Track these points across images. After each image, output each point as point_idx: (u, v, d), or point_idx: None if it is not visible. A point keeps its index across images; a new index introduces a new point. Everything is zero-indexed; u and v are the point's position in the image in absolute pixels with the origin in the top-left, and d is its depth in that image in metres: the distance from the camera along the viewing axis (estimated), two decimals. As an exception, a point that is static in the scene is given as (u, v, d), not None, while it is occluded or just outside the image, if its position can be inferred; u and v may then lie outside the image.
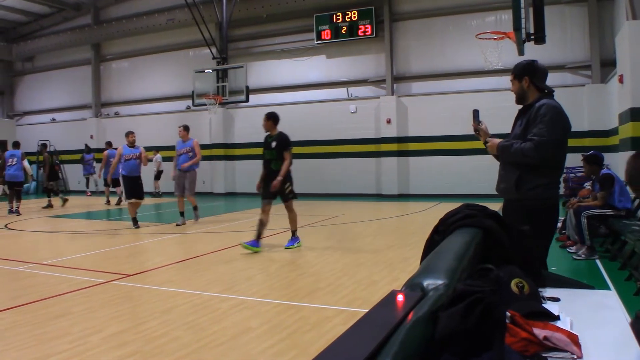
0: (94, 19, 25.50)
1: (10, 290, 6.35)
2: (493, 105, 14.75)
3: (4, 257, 8.42)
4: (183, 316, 4.96)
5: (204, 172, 21.65)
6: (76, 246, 9.90)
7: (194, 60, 22.64)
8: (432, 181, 18.42)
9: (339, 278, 6.44)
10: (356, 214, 13.81)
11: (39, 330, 4.65)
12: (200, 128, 22.55)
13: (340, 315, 4.87)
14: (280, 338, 4.25)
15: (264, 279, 6.54)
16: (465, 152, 17.48)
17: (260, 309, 5.15)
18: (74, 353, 4.02)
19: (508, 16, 12.05)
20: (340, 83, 20.26)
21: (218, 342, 4.22)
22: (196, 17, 19.69)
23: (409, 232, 10.72)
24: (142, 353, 4.00)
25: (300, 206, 16.36)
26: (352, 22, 19.45)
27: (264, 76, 21.54)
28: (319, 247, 8.83)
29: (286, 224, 9.16)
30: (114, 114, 25.62)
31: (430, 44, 18.77)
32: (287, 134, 8.95)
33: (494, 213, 2.65)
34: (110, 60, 26.01)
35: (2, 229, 12.25)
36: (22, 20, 27.37)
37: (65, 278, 6.75)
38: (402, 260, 7.40)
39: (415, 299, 1.42)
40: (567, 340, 1.78)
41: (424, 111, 18.69)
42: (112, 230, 11.80)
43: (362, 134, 19.57)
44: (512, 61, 4.97)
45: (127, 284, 6.35)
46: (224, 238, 10.15)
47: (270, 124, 8.96)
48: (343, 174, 19.84)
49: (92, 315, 5.08)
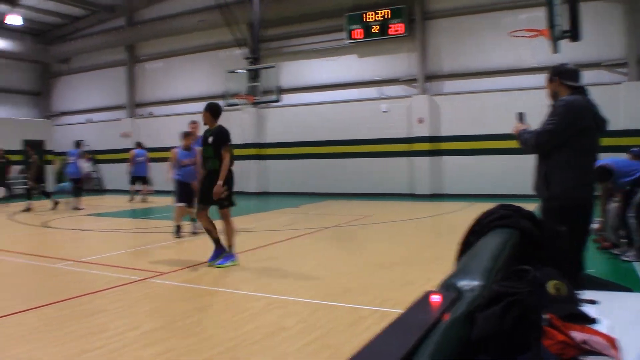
0: (127, 21, 25.88)
1: (49, 286, 6.50)
2: (527, 104, 14.48)
3: (42, 254, 8.62)
4: (217, 314, 5.02)
5: (236, 171, 21.76)
6: (112, 244, 10.09)
7: (226, 61, 22.79)
8: (465, 181, 18.22)
9: (372, 278, 6.44)
10: (388, 214, 13.76)
11: (77, 326, 4.75)
12: (232, 128, 22.60)
13: (374, 315, 4.87)
14: (314, 337, 4.26)
15: (297, 278, 6.56)
16: (500, 152, 17.25)
17: (294, 308, 5.18)
18: (111, 349, 4.10)
19: (542, 13, 11.82)
20: (371, 82, 20.18)
21: (252, 340, 4.25)
22: (228, 18, 19.83)
23: (442, 232, 10.65)
24: (177, 350, 4.06)
25: (333, 206, 16.46)
26: (384, 21, 19.36)
27: (295, 76, 21.59)
28: (351, 247, 8.83)
29: (321, 222, 9.11)
30: (148, 114, 25.97)
31: (463, 42, 18.57)
32: (228, 129, 7.71)
33: (529, 213, 2.62)
34: (144, 61, 26.37)
35: (40, 227, 12.53)
36: (58, 22, 27.94)
37: (101, 275, 6.89)
38: (436, 261, 7.35)
39: (451, 300, 1.41)
40: (606, 343, 1.75)
41: (456, 110, 18.51)
42: (147, 229, 11.98)
43: (394, 133, 19.46)
44: (547, 59, 4.93)
45: (162, 282, 6.45)
46: (256, 237, 10.21)
47: (209, 116, 7.72)
48: (374, 173, 19.76)
49: (128, 312, 5.17)
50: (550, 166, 3.85)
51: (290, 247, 8.98)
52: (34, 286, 6.71)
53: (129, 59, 26.34)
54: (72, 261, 7.93)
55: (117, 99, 26.86)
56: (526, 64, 16.81)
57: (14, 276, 7.31)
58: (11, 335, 4.48)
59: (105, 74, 27.43)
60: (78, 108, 28.55)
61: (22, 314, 5.12)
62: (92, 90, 28.01)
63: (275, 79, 19.62)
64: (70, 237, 11.02)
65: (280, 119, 21.75)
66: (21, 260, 8.21)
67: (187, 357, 3.91)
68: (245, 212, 15.27)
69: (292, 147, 21.50)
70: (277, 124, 21.87)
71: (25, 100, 28.85)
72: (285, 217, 13.61)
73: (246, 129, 22.28)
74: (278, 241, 9.62)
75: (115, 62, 26.79)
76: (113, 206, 18.00)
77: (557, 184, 3.80)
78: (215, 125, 7.69)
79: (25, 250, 9.02)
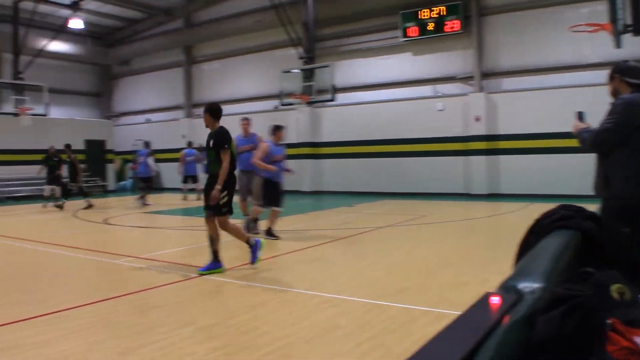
0: (185, 23, 26.44)
1: (109, 281, 6.71)
2: (588, 101, 14.05)
3: (103, 250, 8.89)
4: (272, 311, 5.06)
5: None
6: (169, 241, 10.33)
7: (281, 61, 22.99)
8: (524, 181, 17.80)
9: (427, 278, 6.37)
10: (444, 214, 13.59)
11: (135, 320, 4.88)
12: (288, 127, 22.89)
13: (428, 316, 4.82)
14: (367, 337, 4.25)
15: (351, 277, 6.55)
16: (560, 151, 16.77)
17: (347, 307, 5.17)
18: (168, 343, 4.18)
19: (603, 7, 11.42)
20: (426, 80, 19.97)
21: (305, 338, 4.27)
22: (282, 18, 19.99)
23: (499, 233, 10.45)
24: (232, 346, 4.12)
25: (388, 205, 16.38)
26: (439, 18, 19.12)
27: (350, 75, 21.58)
28: (406, 247, 8.77)
29: (376, 221, 9.06)
30: (204, 114, 26.43)
31: (521, 38, 18.15)
32: (227, 129, 7.15)
33: (592, 214, 2.53)
34: (200, 62, 26.88)
35: (101, 224, 12.92)
36: (118, 25, 28.80)
37: (158, 272, 7.05)
38: (493, 262, 7.21)
39: (511, 302, 1.38)
40: (673, 350, 1.67)
41: (515, 108, 18.10)
42: (201, 227, 12.19)
43: (450, 132, 19.19)
44: (609, 54, 4.79)
45: (217, 279, 6.55)
46: (311, 236, 10.25)
47: (208, 117, 7.16)
48: (430, 172, 19.55)
49: (184, 308, 5.27)
50: (609, 165, 3.76)
51: (345, 246, 8.98)
52: (93, 281, 6.93)
53: (186, 60, 26.91)
54: (131, 257, 8.15)
55: (174, 99, 27.49)
56: (587, 59, 16.29)
57: (74, 271, 7.57)
58: (69, 329, 4.62)
59: (163, 75, 28.11)
60: (137, 108, 29.38)
61: (80, 309, 5.29)
62: (151, 91, 28.77)
63: (330, 78, 19.67)
64: (129, 234, 11.33)
65: (334, 118, 21.79)
66: (81, 256, 8.49)
67: (242, 354, 3.96)
68: (299, 211, 15.37)
69: (346, 146, 21.51)
70: (332, 123, 21.92)
71: (86, 101, 29.89)
72: (340, 216, 13.62)
73: (301, 128, 22.42)
74: (332, 240, 9.63)
75: (173, 63, 27.41)
76: (170, 204, 18.41)
77: (617, 183, 3.71)
78: (217, 127, 7.15)
79: (86, 246, 9.32)
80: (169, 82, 27.78)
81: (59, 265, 8.00)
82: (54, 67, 27.13)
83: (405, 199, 18.40)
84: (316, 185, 22.24)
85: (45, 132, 23.67)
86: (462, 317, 1.27)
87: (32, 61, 23.16)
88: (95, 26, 28.06)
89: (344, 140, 21.59)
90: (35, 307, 5.32)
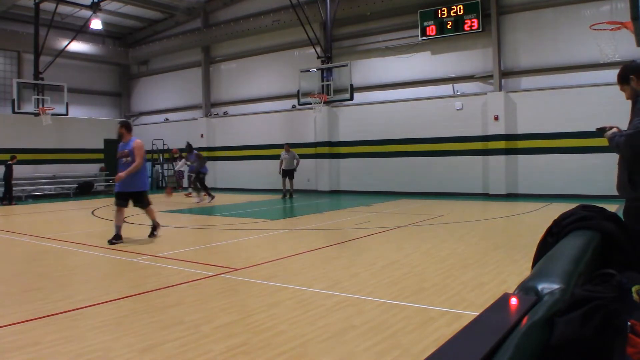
0: (203, 23, 26.58)
1: (129, 279, 6.76)
2: (609, 101, 13.94)
3: (122, 248, 8.96)
4: (289, 311, 5.07)
5: (309, 170, 22.00)
6: (188, 240, 10.40)
7: (299, 60, 23.03)
8: (543, 180, 17.64)
9: (445, 279, 6.34)
10: (462, 214, 13.50)
11: (154, 318, 4.91)
12: (306, 127, 22.97)
13: (445, 316, 4.79)
14: (383, 337, 4.24)
15: (368, 277, 6.54)
16: (580, 150, 16.60)
17: (364, 307, 5.16)
18: (187, 341, 4.21)
19: (625, 4, 11.28)
20: (445, 79, 19.88)
21: (322, 337, 4.27)
22: (300, 18, 20.01)
23: (517, 233, 10.36)
24: (250, 344, 4.13)
25: (405, 205, 16.32)
26: (458, 16, 19.02)
27: (368, 74, 21.55)
28: (424, 247, 8.73)
29: (394, 221, 9.06)
30: (223, 113, 26.56)
31: (541, 36, 17.98)
32: None
33: (612, 215, 2.50)
34: (219, 62, 27.01)
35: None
36: (137, 26, 29.06)
37: (178, 270, 7.10)
38: (511, 263, 7.16)
39: (530, 303, 1.37)
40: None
41: (534, 107, 17.93)
42: (222, 226, 12.24)
43: (468, 131, 19.08)
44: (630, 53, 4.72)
45: (235, 278, 6.58)
46: (328, 235, 10.26)
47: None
48: (448, 172, 19.45)
49: (203, 306, 5.30)
50: (633, 166, 3.69)
51: (362, 246, 8.97)
52: (113, 279, 6.99)
53: (204, 60, 27.05)
54: (150, 256, 8.21)
55: (193, 99, 27.66)
56: (607, 58, 16.09)
57: (94, 269, 7.65)
58: (90, 326, 4.68)
59: (181, 75, 28.31)
60: (156, 108, 29.62)
61: (100, 306, 5.35)
62: (169, 90, 28.97)
63: (348, 77, 19.64)
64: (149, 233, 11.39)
65: (352, 117, 21.78)
66: (100, 254, 8.57)
67: (259, 352, 3.97)
68: (317, 210, 15.37)
69: (364, 146, 21.47)
70: (350, 122, 21.91)
71: (106, 101, 30.18)
72: (358, 215, 13.60)
73: (319, 127, 22.43)
74: (350, 239, 9.63)
75: (191, 63, 27.59)
76: (189, 203, 18.50)
77: None
78: None
79: (105, 244, 9.40)
80: (188, 82, 27.95)
81: (79, 262, 8.08)
82: (74, 67, 27.45)
83: (423, 198, 18.33)
84: (334, 185, 22.23)
85: (65, 131, 23.94)
86: (480, 318, 1.27)
87: (53, 61, 23.43)
88: (114, 26, 28.37)
89: (361, 139, 21.56)
90: (57, 304, 5.40)
